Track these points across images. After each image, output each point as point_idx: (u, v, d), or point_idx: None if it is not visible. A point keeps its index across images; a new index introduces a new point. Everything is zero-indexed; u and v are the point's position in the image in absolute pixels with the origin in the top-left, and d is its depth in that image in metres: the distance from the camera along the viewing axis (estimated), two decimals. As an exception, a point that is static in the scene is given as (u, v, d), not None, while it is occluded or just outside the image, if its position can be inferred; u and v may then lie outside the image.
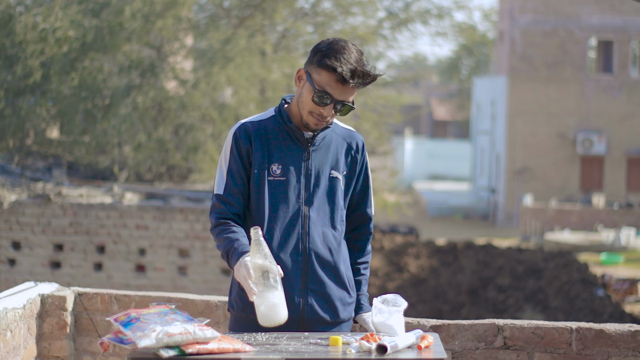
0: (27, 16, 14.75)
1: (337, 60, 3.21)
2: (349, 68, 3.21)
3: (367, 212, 3.51)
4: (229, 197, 3.34)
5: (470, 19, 45.69)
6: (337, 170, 3.40)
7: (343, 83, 3.22)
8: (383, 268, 20.04)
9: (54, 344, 4.35)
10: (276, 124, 3.37)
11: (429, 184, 46.20)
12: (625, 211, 28.45)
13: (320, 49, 3.27)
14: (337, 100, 3.25)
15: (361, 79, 3.23)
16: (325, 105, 3.25)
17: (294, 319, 3.28)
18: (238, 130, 3.36)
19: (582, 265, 19.16)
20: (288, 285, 3.29)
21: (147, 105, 15.32)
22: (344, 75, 3.20)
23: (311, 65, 3.28)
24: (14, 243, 11.94)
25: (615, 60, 34.70)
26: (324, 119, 3.29)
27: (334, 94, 3.24)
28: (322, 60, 3.24)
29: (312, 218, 3.34)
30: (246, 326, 3.35)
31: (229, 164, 3.35)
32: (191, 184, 15.31)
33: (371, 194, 3.53)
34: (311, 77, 3.26)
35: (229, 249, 3.25)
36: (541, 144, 34.38)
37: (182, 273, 11.85)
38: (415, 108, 50.30)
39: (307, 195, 3.35)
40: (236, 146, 3.35)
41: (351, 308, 3.46)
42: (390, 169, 22.84)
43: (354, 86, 3.25)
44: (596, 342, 3.94)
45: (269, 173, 3.33)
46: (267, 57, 16.75)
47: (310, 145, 3.36)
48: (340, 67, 3.20)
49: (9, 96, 14.77)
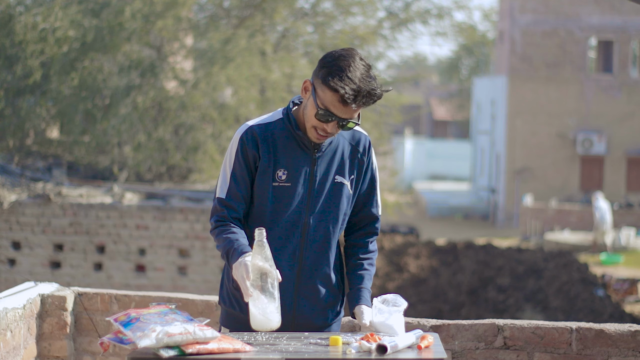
0: (27, 16, 14.75)
1: (340, 80, 3.14)
2: (352, 89, 3.14)
3: (373, 211, 3.48)
4: (231, 201, 3.31)
5: (470, 19, 45.68)
6: (343, 175, 3.37)
7: (345, 105, 3.17)
8: (383, 268, 20.05)
9: (54, 344, 4.35)
10: (284, 128, 3.34)
11: (429, 184, 46.20)
12: (625, 211, 28.45)
13: (326, 63, 3.20)
14: (341, 118, 3.22)
15: (365, 99, 3.17)
16: (328, 123, 3.23)
17: (284, 323, 3.29)
18: (245, 135, 3.31)
19: (582, 265, 19.17)
20: (280, 289, 3.29)
21: (147, 105, 15.32)
22: (346, 98, 3.15)
23: (317, 80, 3.23)
24: (14, 243, 11.94)
25: (615, 60, 34.70)
26: (327, 134, 3.26)
27: (337, 113, 3.20)
28: (327, 78, 3.17)
29: (311, 225, 3.33)
30: (237, 322, 3.37)
31: (234, 168, 3.32)
32: (191, 184, 15.31)
33: (378, 194, 3.49)
34: (316, 92, 3.22)
35: (229, 248, 3.23)
36: (541, 144, 34.38)
37: (182, 273, 11.85)
38: (415, 108, 50.29)
39: (310, 202, 3.34)
40: (242, 151, 3.31)
41: (341, 309, 3.47)
42: (390, 169, 22.86)
43: (359, 106, 3.20)
44: (596, 342, 3.94)
45: (274, 179, 3.31)
46: (267, 57, 16.75)
47: (316, 151, 3.34)
48: (343, 89, 3.14)
49: (9, 96, 14.77)
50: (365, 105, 3.20)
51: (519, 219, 31.28)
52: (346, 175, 3.38)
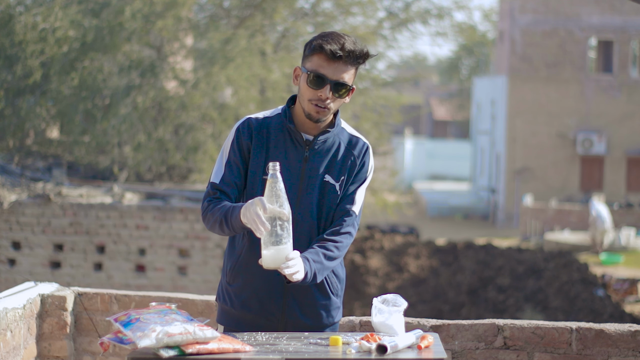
0: (27, 16, 14.75)
1: (324, 41, 3.24)
2: (337, 44, 3.22)
3: (346, 207, 3.37)
4: (224, 186, 3.34)
5: (470, 19, 45.62)
6: (332, 175, 3.36)
7: (334, 59, 3.23)
8: (383, 268, 20.04)
9: (54, 344, 4.35)
10: (279, 122, 3.37)
11: (429, 184, 46.21)
12: (625, 211, 28.44)
13: (310, 41, 3.31)
14: (332, 80, 3.24)
15: (352, 53, 3.23)
16: (321, 87, 3.24)
17: (274, 321, 3.31)
18: (242, 125, 3.37)
19: (582, 265, 19.16)
20: (269, 287, 3.31)
21: (147, 105, 15.32)
22: (332, 50, 3.22)
23: (304, 59, 3.31)
24: (14, 243, 11.94)
25: (615, 60, 34.71)
26: (324, 103, 3.26)
27: (328, 73, 3.24)
28: (311, 45, 3.27)
29: (299, 221, 3.32)
30: (229, 317, 3.38)
31: (229, 156, 3.36)
32: (191, 184, 15.31)
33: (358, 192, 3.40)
34: (305, 67, 3.28)
35: (226, 210, 3.22)
36: (541, 144, 34.39)
37: (182, 273, 11.86)
38: (415, 108, 50.30)
39: (299, 197, 3.33)
40: (237, 140, 3.35)
41: (336, 313, 3.43)
42: (390, 169, 22.84)
43: (346, 62, 3.25)
44: (596, 342, 3.94)
45: (264, 172, 3.32)
46: (267, 57, 16.76)
47: (308, 148, 3.34)
48: (329, 44, 3.22)
49: (9, 96, 14.77)
50: (353, 60, 3.25)
51: (519, 219, 31.28)
52: (336, 176, 3.37)
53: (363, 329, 4.03)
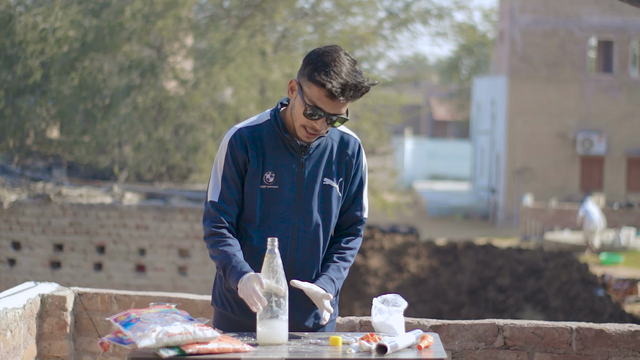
0: (27, 16, 14.75)
1: (327, 75, 3.14)
2: (339, 83, 3.14)
3: (357, 214, 3.43)
4: (225, 205, 3.30)
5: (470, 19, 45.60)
6: (331, 177, 3.36)
7: (333, 99, 3.17)
8: (383, 268, 20.04)
9: (54, 344, 4.35)
10: (271, 130, 3.33)
11: (429, 184, 46.21)
12: (625, 211, 28.43)
13: (311, 60, 3.20)
14: (329, 114, 3.21)
15: (352, 93, 3.17)
16: (317, 120, 3.21)
17: None
18: (234, 138, 3.31)
19: (582, 265, 19.15)
20: None
21: (147, 105, 15.32)
22: (333, 91, 3.14)
23: (302, 77, 3.23)
24: (14, 243, 11.94)
25: (615, 60, 34.70)
26: (317, 132, 3.25)
27: (325, 108, 3.19)
28: (312, 74, 3.17)
29: (301, 227, 3.32)
30: (229, 323, 3.37)
31: (224, 171, 3.31)
32: (191, 184, 15.31)
33: (364, 197, 3.45)
34: (302, 89, 3.21)
35: (226, 264, 3.22)
36: (541, 144, 34.38)
37: (182, 273, 11.85)
38: (415, 108, 50.30)
39: (299, 204, 3.32)
40: (231, 154, 3.30)
41: (334, 310, 3.44)
42: (390, 169, 22.85)
43: (347, 99, 3.20)
44: (596, 342, 3.94)
45: (261, 181, 3.30)
46: (267, 57, 16.75)
47: (304, 153, 3.32)
48: (330, 83, 3.14)
49: (9, 96, 14.77)
50: (353, 98, 3.21)
51: (519, 219, 31.27)
52: (334, 177, 3.37)
53: (363, 329, 4.03)
